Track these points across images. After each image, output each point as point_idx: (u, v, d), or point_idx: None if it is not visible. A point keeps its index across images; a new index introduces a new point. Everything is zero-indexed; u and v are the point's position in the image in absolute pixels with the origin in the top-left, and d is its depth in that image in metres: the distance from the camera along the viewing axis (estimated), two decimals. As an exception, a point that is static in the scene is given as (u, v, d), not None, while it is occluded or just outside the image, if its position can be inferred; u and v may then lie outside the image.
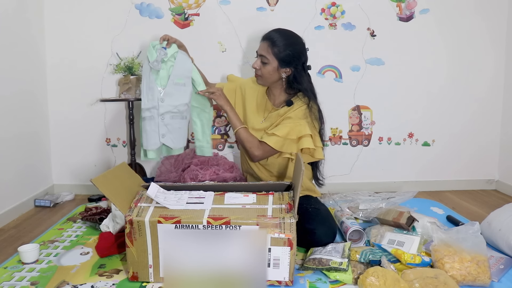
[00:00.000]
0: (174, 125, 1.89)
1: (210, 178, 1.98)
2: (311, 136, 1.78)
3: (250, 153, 1.84)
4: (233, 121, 1.88)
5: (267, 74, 1.84)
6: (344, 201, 2.19)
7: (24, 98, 2.32)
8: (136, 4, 2.50)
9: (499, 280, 1.45)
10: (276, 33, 1.83)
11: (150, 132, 1.86)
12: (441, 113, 2.67)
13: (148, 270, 1.43)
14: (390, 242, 1.61)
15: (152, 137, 1.87)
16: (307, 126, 1.78)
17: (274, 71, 1.83)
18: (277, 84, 1.88)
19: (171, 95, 1.87)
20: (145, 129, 1.87)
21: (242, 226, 1.36)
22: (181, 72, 1.88)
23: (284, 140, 1.77)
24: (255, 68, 1.86)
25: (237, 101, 2.00)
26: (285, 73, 1.83)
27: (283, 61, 1.80)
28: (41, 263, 1.61)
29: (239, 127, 1.86)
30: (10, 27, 2.18)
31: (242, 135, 1.85)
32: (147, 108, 1.85)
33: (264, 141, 1.79)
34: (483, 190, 2.73)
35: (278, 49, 1.79)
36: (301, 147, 1.79)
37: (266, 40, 1.83)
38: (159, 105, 1.85)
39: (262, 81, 1.89)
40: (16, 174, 2.23)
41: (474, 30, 2.61)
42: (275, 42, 1.80)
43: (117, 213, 1.76)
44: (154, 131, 1.87)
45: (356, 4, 2.55)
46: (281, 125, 1.80)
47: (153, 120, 1.86)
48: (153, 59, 1.83)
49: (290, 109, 1.83)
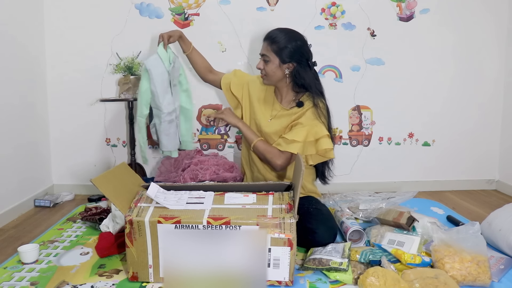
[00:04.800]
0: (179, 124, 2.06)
1: (210, 178, 1.98)
2: (328, 136, 1.79)
3: (272, 163, 1.84)
4: (248, 136, 1.89)
5: (270, 72, 1.84)
6: (344, 201, 2.19)
7: (24, 98, 2.32)
8: (136, 4, 2.50)
9: (499, 280, 1.45)
10: (275, 31, 1.85)
11: (173, 135, 1.98)
12: (441, 113, 2.67)
13: (148, 270, 1.43)
14: (390, 242, 1.61)
15: (175, 139, 2.01)
16: (323, 126, 1.79)
17: (277, 69, 1.83)
18: (282, 82, 1.89)
19: (175, 96, 1.98)
20: (167, 132, 1.97)
21: (242, 226, 1.36)
22: (175, 74, 1.97)
23: (303, 144, 1.78)
24: (259, 68, 1.88)
25: (244, 97, 2.00)
26: (288, 69, 1.84)
27: (284, 56, 1.82)
28: (41, 263, 1.61)
29: (256, 140, 1.86)
30: (9, 27, 2.18)
31: (261, 147, 1.85)
32: (168, 112, 1.94)
33: (286, 150, 1.78)
34: (483, 190, 2.73)
35: (277, 45, 1.81)
36: (319, 148, 1.79)
37: (266, 39, 1.86)
38: (176, 108, 1.98)
39: (267, 81, 1.90)
40: (16, 174, 2.23)
41: (474, 30, 2.61)
42: (274, 39, 1.82)
43: (117, 213, 1.76)
44: (175, 133, 1.99)
45: (356, 4, 2.55)
46: (297, 129, 1.79)
47: (174, 123, 1.97)
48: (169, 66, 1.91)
49: (301, 110, 1.83)
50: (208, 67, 2.08)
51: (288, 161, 1.83)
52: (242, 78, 2.04)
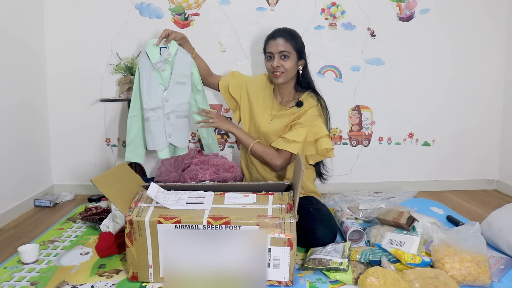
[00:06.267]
0: (179, 124, 1.92)
1: (210, 178, 1.98)
2: (328, 136, 1.79)
3: (271, 164, 1.83)
4: (244, 140, 1.88)
5: (290, 68, 1.83)
6: (344, 201, 2.19)
7: (24, 98, 2.32)
8: (136, 4, 2.50)
9: (499, 280, 1.45)
10: (283, 30, 1.86)
11: (156, 133, 1.86)
12: (441, 113, 2.67)
13: (148, 270, 1.43)
14: (390, 242, 1.61)
15: (159, 137, 1.87)
16: (323, 126, 1.79)
17: (295, 64, 1.85)
18: (291, 80, 1.89)
19: (174, 94, 1.88)
20: (149, 130, 1.86)
21: (242, 226, 1.36)
22: (181, 70, 1.89)
23: (303, 144, 1.78)
24: (277, 66, 1.82)
25: (242, 98, 2.00)
26: (301, 65, 1.87)
27: (300, 52, 1.85)
28: (41, 263, 1.61)
29: (252, 143, 1.86)
30: (9, 27, 2.18)
31: (259, 149, 1.85)
32: (151, 108, 1.84)
33: (285, 149, 1.78)
34: (483, 190, 2.73)
35: (295, 41, 1.83)
36: (319, 148, 1.79)
37: (279, 36, 1.83)
38: (164, 105, 1.86)
39: (284, 78, 1.85)
40: (16, 174, 2.23)
41: (474, 30, 2.61)
42: (291, 35, 1.84)
43: (117, 213, 1.76)
44: (160, 131, 1.87)
45: (356, 4, 2.54)
46: (297, 129, 1.79)
47: (159, 121, 1.86)
48: (156, 59, 1.83)
49: (302, 109, 1.83)
50: (209, 71, 2.07)
51: (288, 161, 1.83)
52: (240, 79, 2.04)
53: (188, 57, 1.91)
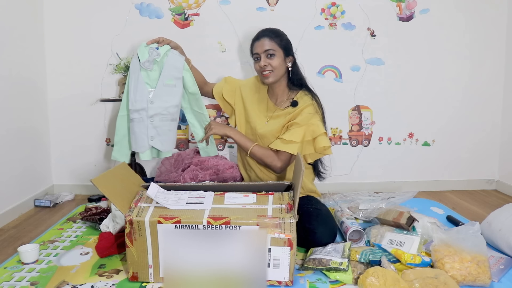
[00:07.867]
0: (164, 128, 1.86)
1: (210, 178, 1.98)
2: (325, 134, 1.79)
3: (272, 166, 1.83)
4: (242, 143, 1.88)
5: (278, 66, 1.83)
6: (344, 201, 2.19)
7: (24, 98, 2.32)
8: (136, 4, 2.50)
9: (499, 280, 1.45)
10: (266, 30, 1.87)
11: (138, 134, 1.84)
12: (441, 113, 2.67)
13: (148, 270, 1.43)
14: (390, 242, 1.61)
15: (141, 140, 1.84)
16: (320, 124, 1.79)
17: (282, 62, 1.85)
18: (282, 78, 1.89)
19: (161, 96, 1.83)
20: (133, 131, 1.84)
21: (242, 226, 1.36)
22: (171, 73, 1.85)
23: (301, 144, 1.78)
24: (264, 65, 1.82)
25: (237, 102, 2.00)
26: (290, 62, 1.87)
27: (286, 49, 1.85)
28: (41, 263, 1.61)
29: (251, 146, 1.85)
30: (9, 26, 2.18)
31: (258, 152, 1.84)
32: (135, 110, 1.81)
33: (284, 150, 1.78)
34: (483, 190, 2.73)
35: (279, 38, 1.84)
36: (317, 146, 1.78)
37: (263, 37, 1.85)
38: (148, 107, 1.81)
39: (273, 77, 1.84)
40: (16, 174, 2.23)
41: (474, 30, 2.61)
42: (276, 33, 1.85)
43: (117, 213, 1.76)
44: (143, 133, 1.83)
45: (356, 4, 2.55)
46: (294, 129, 1.78)
47: (142, 123, 1.82)
48: (144, 59, 1.82)
49: (297, 108, 1.83)
50: (204, 80, 2.06)
51: (287, 162, 1.83)
52: (234, 83, 2.04)
53: (181, 59, 1.87)
